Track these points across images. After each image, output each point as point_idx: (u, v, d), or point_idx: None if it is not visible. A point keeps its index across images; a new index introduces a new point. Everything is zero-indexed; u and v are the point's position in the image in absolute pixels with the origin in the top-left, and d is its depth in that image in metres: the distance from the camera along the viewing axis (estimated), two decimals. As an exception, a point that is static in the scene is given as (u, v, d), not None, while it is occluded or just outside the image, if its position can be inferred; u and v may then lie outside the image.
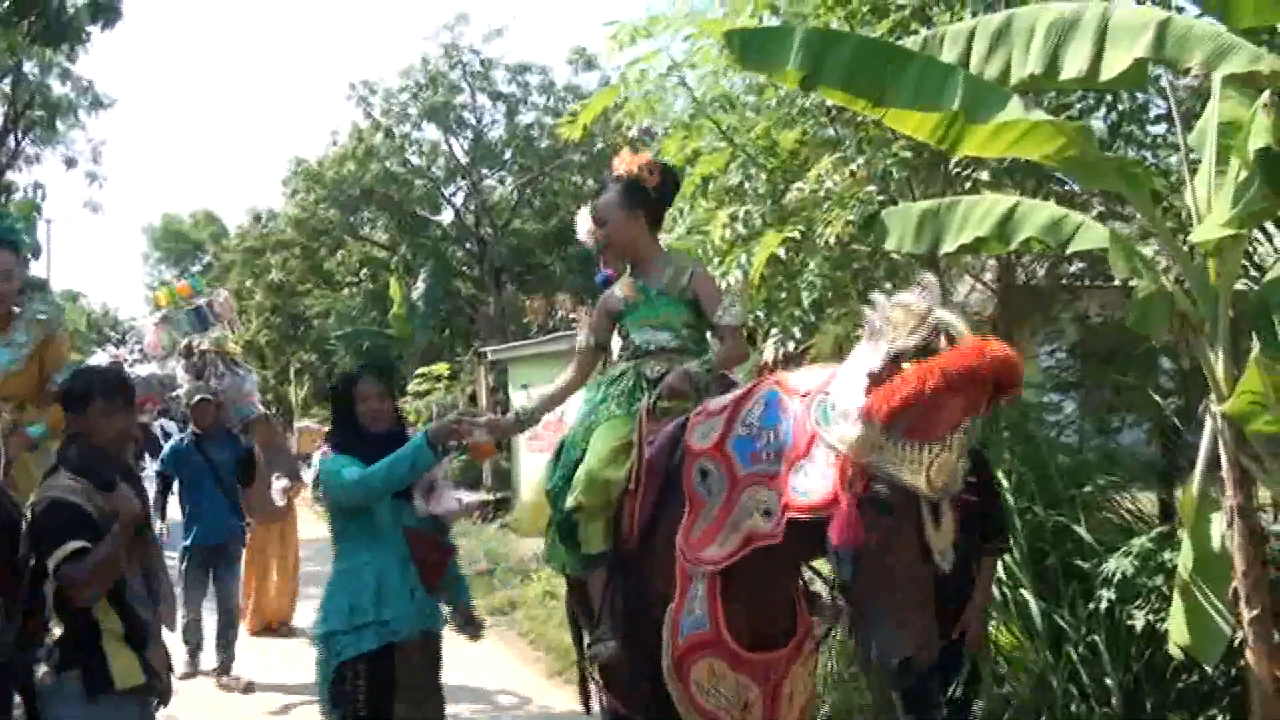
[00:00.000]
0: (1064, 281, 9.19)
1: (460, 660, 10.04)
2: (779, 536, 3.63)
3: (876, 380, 3.14)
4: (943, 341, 3.22)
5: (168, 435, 14.43)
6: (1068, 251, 5.08)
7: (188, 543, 8.89)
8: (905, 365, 3.13)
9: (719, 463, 3.87)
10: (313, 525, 18.29)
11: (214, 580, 8.93)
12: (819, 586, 4.39)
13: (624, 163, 4.82)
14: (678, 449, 4.12)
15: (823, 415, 3.44)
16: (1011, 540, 5.89)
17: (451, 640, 5.24)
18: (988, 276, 8.82)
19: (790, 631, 4.03)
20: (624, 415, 4.54)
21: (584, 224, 5.76)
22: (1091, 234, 4.85)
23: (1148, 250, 5.57)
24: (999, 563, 5.80)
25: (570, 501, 4.37)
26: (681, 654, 3.92)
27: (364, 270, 35.82)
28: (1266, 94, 4.30)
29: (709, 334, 4.84)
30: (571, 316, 26.87)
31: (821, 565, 4.11)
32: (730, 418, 3.88)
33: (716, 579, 3.85)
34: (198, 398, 8.76)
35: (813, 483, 3.45)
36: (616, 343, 5.08)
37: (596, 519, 4.35)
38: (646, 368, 4.69)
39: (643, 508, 4.22)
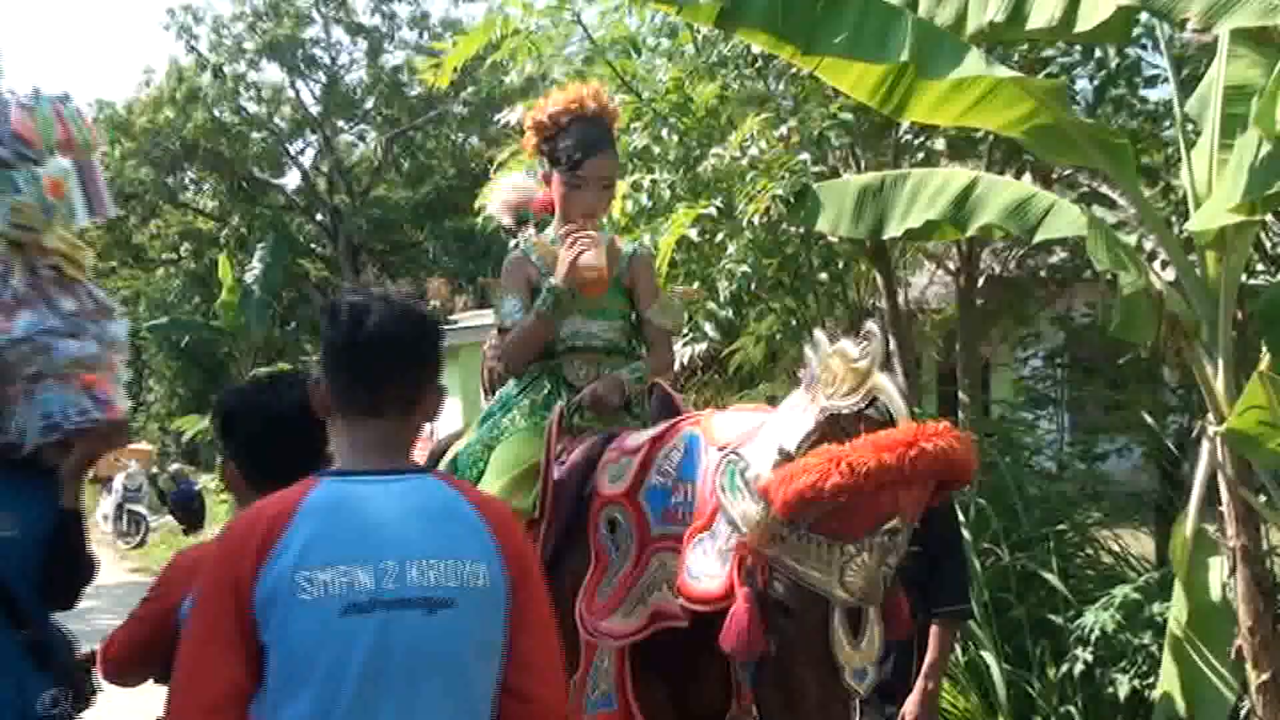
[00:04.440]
0: (1042, 274, 9.32)
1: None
2: (686, 620, 3.60)
3: (786, 456, 3.09)
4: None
5: None
6: (1034, 240, 5.15)
7: None
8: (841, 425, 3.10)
9: (629, 514, 3.83)
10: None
11: None
12: None
13: (588, 95, 4.68)
14: (591, 479, 4.10)
15: (729, 481, 3.39)
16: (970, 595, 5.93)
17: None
18: (951, 264, 8.91)
19: (722, 710, 4.01)
20: (532, 430, 4.47)
21: (506, 201, 5.42)
22: (1064, 219, 4.90)
23: (1134, 240, 5.67)
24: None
25: None
26: None
27: (184, 245, 35.27)
28: (1289, 51, 4.39)
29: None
30: (448, 306, 26.74)
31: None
32: (645, 460, 3.82)
33: (625, 649, 3.82)
34: None
35: (709, 565, 3.42)
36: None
37: None
38: (569, 370, 4.58)
39: (546, 541, 4.16)
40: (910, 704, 4.63)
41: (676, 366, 7.34)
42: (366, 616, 2.47)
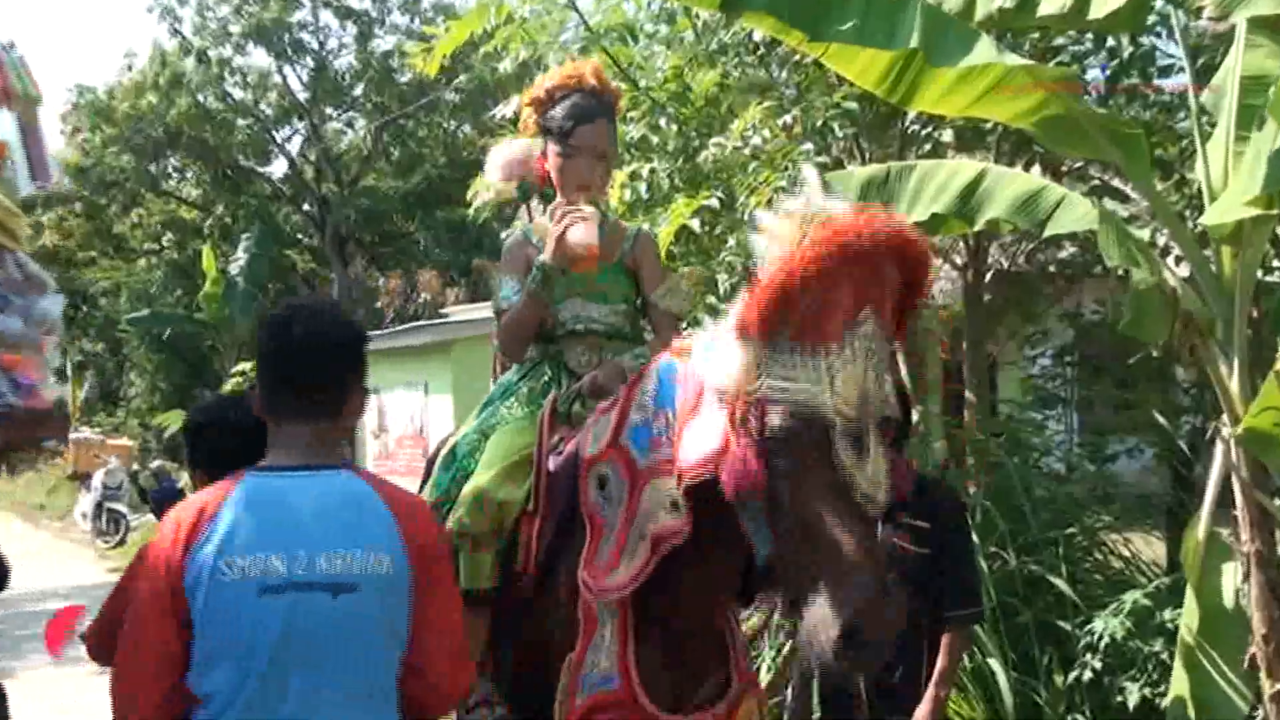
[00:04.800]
0: (1051, 269, 9.31)
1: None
2: (688, 526, 3.63)
3: (752, 273, 3.21)
4: None
5: None
6: (1044, 234, 5.14)
7: None
8: None
9: (615, 463, 3.88)
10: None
11: None
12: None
13: (588, 71, 4.68)
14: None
15: (708, 352, 3.52)
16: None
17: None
18: (958, 259, 8.92)
19: (724, 682, 4.01)
20: (529, 418, 4.47)
21: (507, 159, 5.32)
22: (1074, 213, 4.91)
23: (1147, 234, 5.66)
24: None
25: (451, 524, 4.29)
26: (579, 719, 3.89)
27: (167, 235, 35.25)
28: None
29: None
30: (439, 299, 26.74)
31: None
32: (623, 408, 3.90)
33: (627, 617, 3.83)
34: None
35: (703, 437, 3.51)
36: None
37: (484, 549, 4.29)
38: (570, 355, 4.61)
39: (541, 536, 4.18)
40: (921, 712, 4.62)
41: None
42: (278, 598, 2.87)
